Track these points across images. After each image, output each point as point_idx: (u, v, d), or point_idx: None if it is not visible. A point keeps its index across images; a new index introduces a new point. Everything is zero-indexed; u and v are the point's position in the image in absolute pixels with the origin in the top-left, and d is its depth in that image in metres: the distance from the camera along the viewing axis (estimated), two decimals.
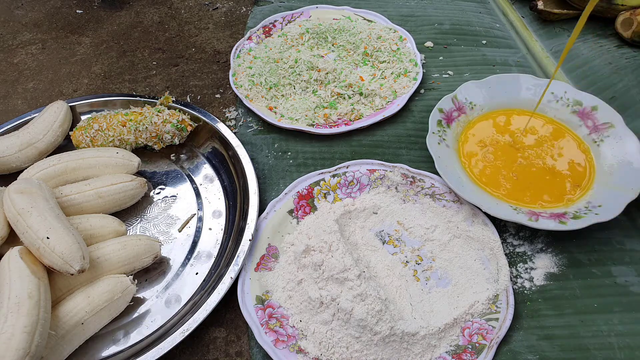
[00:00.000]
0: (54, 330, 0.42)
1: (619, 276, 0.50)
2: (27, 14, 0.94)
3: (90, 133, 0.60)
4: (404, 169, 0.57)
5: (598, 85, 0.70)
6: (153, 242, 0.51)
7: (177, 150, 0.65)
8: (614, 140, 0.58)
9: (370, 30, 0.79)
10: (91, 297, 0.44)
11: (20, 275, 0.41)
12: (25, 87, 0.77)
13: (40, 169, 0.55)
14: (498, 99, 0.66)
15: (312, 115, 0.67)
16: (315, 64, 0.71)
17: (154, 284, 0.51)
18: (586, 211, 0.52)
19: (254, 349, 0.46)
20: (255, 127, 0.68)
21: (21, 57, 0.84)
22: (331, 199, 0.56)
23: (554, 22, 0.83)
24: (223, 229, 0.56)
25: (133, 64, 0.81)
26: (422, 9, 0.89)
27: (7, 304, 0.39)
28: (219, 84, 0.76)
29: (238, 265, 0.49)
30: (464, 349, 0.43)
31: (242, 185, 0.57)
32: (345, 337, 0.43)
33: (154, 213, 0.58)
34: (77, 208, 0.53)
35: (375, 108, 0.68)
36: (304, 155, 0.64)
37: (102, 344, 0.47)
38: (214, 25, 0.90)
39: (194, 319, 0.45)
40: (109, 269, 0.48)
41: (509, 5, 0.91)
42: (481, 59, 0.78)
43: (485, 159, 0.60)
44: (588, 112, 0.62)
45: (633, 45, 0.75)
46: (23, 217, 0.44)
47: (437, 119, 0.62)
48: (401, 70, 0.72)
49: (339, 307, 0.44)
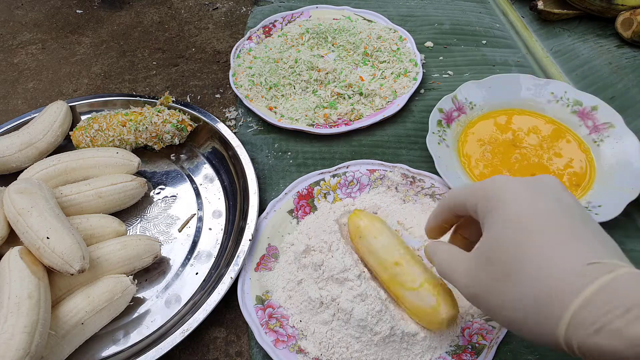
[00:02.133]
0: (54, 330, 0.42)
1: None
2: (27, 14, 0.94)
3: (90, 133, 0.60)
4: (404, 169, 0.57)
5: (598, 85, 0.70)
6: (153, 242, 0.51)
7: (177, 150, 0.65)
8: (614, 140, 0.58)
9: (370, 30, 0.79)
10: (91, 297, 0.44)
11: (20, 275, 0.41)
12: (25, 87, 0.77)
13: (40, 169, 0.55)
14: (498, 99, 0.66)
15: (312, 115, 0.67)
16: (315, 64, 0.71)
17: (154, 284, 0.51)
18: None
19: (254, 349, 0.46)
20: (255, 127, 0.68)
21: (21, 57, 0.84)
22: (331, 199, 0.56)
23: (554, 22, 0.83)
24: (223, 229, 0.56)
25: (133, 64, 0.81)
26: (422, 9, 0.89)
27: (7, 304, 0.39)
28: (219, 84, 0.76)
29: (238, 265, 0.49)
30: (464, 349, 0.43)
31: (242, 185, 0.57)
32: (345, 337, 0.43)
33: (154, 213, 0.58)
34: (77, 208, 0.53)
35: (375, 108, 0.68)
36: (304, 155, 0.64)
37: (102, 344, 0.47)
38: (214, 25, 0.90)
39: (194, 319, 0.45)
40: (109, 269, 0.48)
41: (509, 5, 0.91)
42: (481, 59, 0.78)
43: (485, 158, 0.60)
44: (588, 112, 0.62)
45: (633, 45, 0.75)
46: (23, 217, 0.44)
47: (437, 119, 0.62)
48: (401, 70, 0.72)
49: (339, 307, 0.44)
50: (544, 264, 0.27)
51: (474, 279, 0.32)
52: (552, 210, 0.29)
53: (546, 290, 0.26)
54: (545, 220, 0.29)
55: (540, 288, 0.26)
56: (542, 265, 0.27)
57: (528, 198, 0.30)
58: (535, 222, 0.29)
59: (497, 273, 0.29)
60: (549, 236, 0.28)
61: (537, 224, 0.29)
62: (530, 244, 0.28)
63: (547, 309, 0.26)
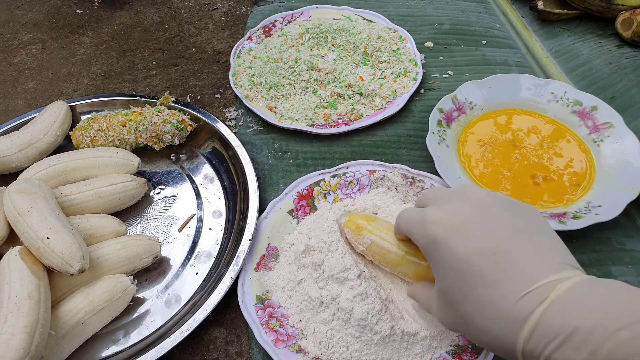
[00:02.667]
0: (54, 330, 0.42)
1: (619, 276, 0.50)
2: (27, 14, 0.94)
3: (90, 133, 0.60)
4: (404, 170, 0.57)
5: (598, 85, 0.70)
6: (153, 242, 0.51)
7: (177, 150, 0.65)
8: (614, 140, 0.58)
9: (370, 30, 0.79)
10: (91, 297, 0.44)
11: (20, 275, 0.41)
12: (25, 87, 0.77)
13: (40, 169, 0.55)
14: (498, 99, 0.66)
15: (312, 115, 0.67)
16: (315, 64, 0.71)
17: (154, 284, 0.51)
18: (586, 211, 0.52)
19: (254, 348, 0.46)
20: (255, 127, 0.68)
21: (21, 57, 0.84)
22: (331, 199, 0.56)
23: (554, 22, 0.83)
24: (223, 229, 0.56)
25: (133, 64, 0.81)
26: (422, 9, 0.89)
27: (7, 304, 0.39)
28: (219, 84, 0.76)
29: (238, 265, 0.49)
30: (464, 349, 0.43)
31: (242, 185, 0.57)
32: (345, 337, 0.43)
33: (154, 213, 0.58)
34: (77, 208, 0.53)
35: (375, 108, 0.68)
36: (304, 155, 0.64)
37: (102, 344, 0.47)
38: (214, 25, 0.90)
39: (194, 319, 0.45)
40: (109, 269, 0.48)
41: (509, 5, 0.91)
42: (481, 59, 0.78)
43: (485, 159, 0.60)
44: (588, 112, 0.62)
45: (633, 45, 0.75)
46: (23, 217, 0.44)
47: (437, 119, 0.62)
48: (401, 70, 0.72)
49: (339, 306, 0.44)
50: (485, 309, 0.29)
51: (443, 315, 0.35)
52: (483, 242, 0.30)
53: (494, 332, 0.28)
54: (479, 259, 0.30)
55: (488, 332, 0.29)
56: (484, 311, 0.29)
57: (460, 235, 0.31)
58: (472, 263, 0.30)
59: (455, 314, 0.32)
60: (483, 278, 0.29)
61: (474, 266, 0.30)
62: (469, 290, 0.30)
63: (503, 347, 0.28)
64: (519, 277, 0.28)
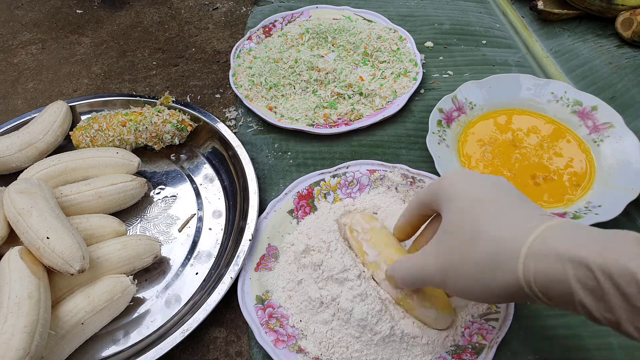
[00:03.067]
0: (54, 330, 0.42)
1: None
2: (27, 14, 0.94)
3: (90, 133, 0.60)
4: (404, 170, 0.57)
5: (598, 85, 0.70)
6: (153, 242, 0.51)
7: (177, 150, 0.65)
8: (614, 140, 0.58)
9: (370, 30, 0.79)
10: (91, 297, 0.44)
11: (20, 275, 0.41)
12: (25, 87, 0.77)
13: (40, 169, 0.55)
14: (498, 99, 0.66)
15: (312, 115, 0.67)
16: (315, 64, 0.71)
17: (154, 284, 0.51)
18: (586, 211, 0.52)
19: (254, 348, 0.46)
20: (255, 127, 0.68)
21: (21, 57, 0.84)
22: (331, 199, 0.56)
23: (554, 22, 0.84)
24: (223, 229, 0.56)
25: (133, 64, 0.81)
26: (422, 9, 0.89)
27: (7, 304, 0.39)
28: (219, 84, 0.76)
29: (238, 265, 0.49)
30: (464, 349, 0.43)
31: (242, 185, 0.57)
32: (345, 337, 0.43)
33: (154, 213, 0.58)
34: (77, 208, 0.53)
35: (375, 108, 0.68)
36: (304, 155, 0.64)
37: (102, 344, 0.47)
38: (214, 25, 0.90)
39: (194, 319, 0.45)
40: (109, 269, 0.48)
41: (509, 5, 0.91)
42: (481, 59, 0.78)
43: (485, 159, 0.60)
44: (588, 112, 0.62)
45: (633, 45, 0.75)
46: (23, 217, 0.44)
47: (437, 119, 0.62)
48: (401, 70, 0.72)
49: (339, 307, 0.44)
50: (499, 224, 0.33)
51: (439, 256, 0.36)
52: (497, 191, 0.36)
53: (503, 241, 0.32)
54: (493, 196, 0.35)
55: (498, 242, 0.32)
56: (498, 225, 0.33)
57: (477, 184, 0.37)
58: (486, 198, 0.35)
59: (461, 240, 0.35)
60: (499, 206, 0.34)
61: (487, 200, 0.35)
62: (486, 213, 0.34)
63: (508, 253, 0.31)
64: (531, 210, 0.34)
